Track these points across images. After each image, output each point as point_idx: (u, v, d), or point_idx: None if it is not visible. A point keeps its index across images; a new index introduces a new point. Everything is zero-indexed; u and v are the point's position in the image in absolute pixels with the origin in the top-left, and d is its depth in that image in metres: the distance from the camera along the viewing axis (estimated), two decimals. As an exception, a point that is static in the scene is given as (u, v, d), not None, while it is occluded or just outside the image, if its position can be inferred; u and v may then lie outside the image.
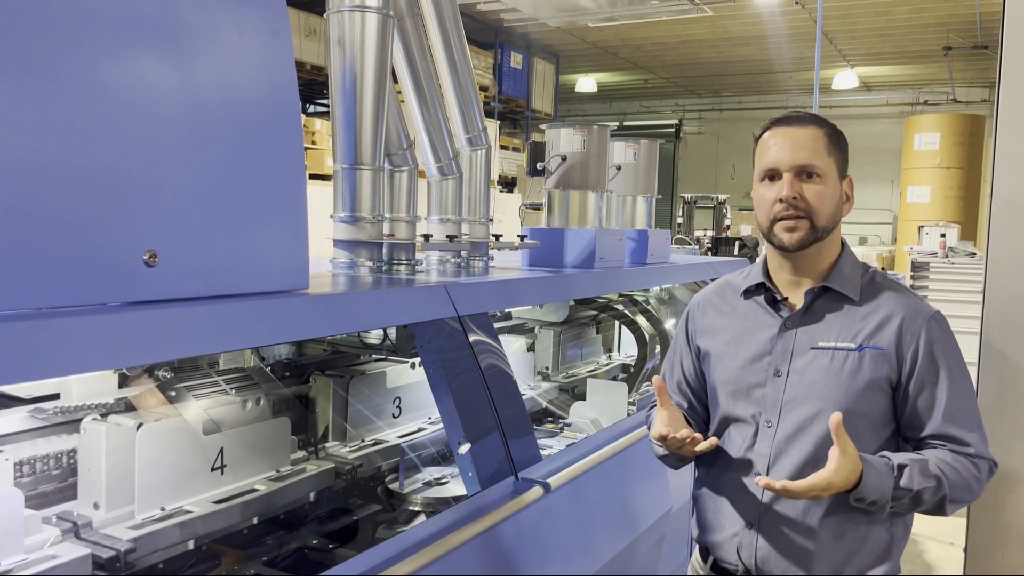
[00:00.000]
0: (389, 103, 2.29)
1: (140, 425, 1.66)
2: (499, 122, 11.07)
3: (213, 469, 1.81)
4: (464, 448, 1.93)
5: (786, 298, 1.57)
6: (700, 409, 1.71)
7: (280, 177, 1.62)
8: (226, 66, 1.51)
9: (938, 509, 1.45)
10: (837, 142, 1.53)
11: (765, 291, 1.59)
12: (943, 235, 8.53)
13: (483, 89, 11.10)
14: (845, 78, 14.12)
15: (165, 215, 1.39)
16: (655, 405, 1.62)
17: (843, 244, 1.59)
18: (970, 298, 7.06)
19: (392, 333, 2.36)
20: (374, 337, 2.42)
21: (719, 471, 1.59)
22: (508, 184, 11.00)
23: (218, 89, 1.49)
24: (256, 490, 1.87)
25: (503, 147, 10.86)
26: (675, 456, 1.60)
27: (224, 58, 1.51)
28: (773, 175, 1.51)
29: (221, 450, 1.83)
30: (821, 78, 7.33)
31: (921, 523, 1.45)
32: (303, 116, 8.13)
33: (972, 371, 1.67)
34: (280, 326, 1.58)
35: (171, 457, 1.73)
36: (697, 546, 1.70)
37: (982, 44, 11.48)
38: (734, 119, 17.54)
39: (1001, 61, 2.03)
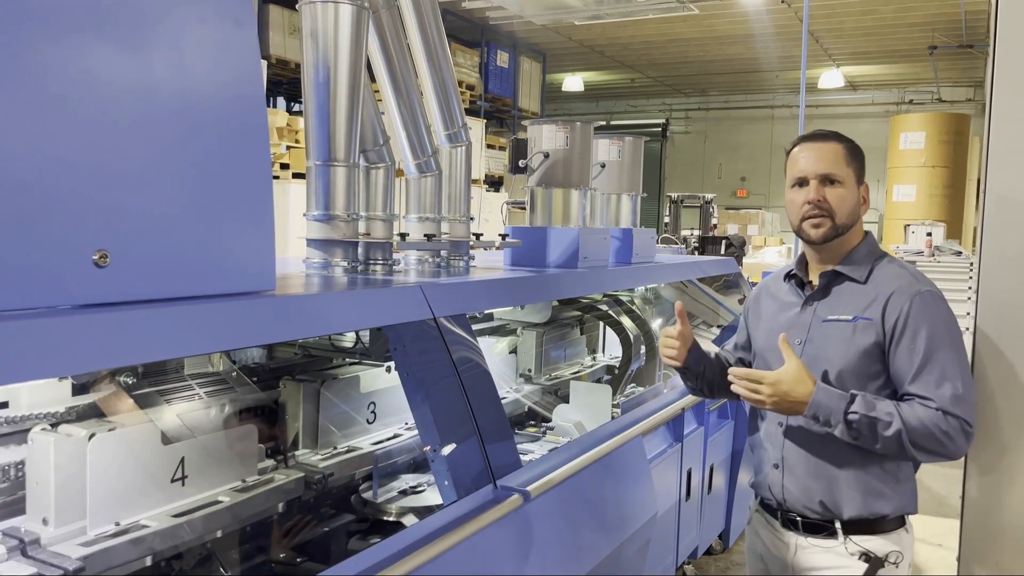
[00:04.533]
0: (364, 98, 2.21)
1: (92, 435, 1.57)
2: (485, 121, 10.99)
3: (173, 480, 1.72)
4: (441, 455, 1.86)
5: (811, 281, 1.91)
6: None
7: (243, 172, 1.54)
8: (185, 55, 1.43)
9: (900, 448, 1.67)
10: (855, 155, 1.86)
11: (796, 276, 1.94)
12: (929, 234, 8.54)
13: (469, 88, 11.03)
14: (831, 77, 14.17)
15: (117, 212, 1.31)
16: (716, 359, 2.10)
17: (865, 235, 1.90)
18: (956, 296, 7.06)
19: (366, 336, 2.28)
20: (348, 340, 2.33)
21: (759, 422, 1.97)
22: (495, 183, 10.92)
23: (176, 79, 1.41)
24: (220, 502, 1.78)
25: (489, 146, 10.77)
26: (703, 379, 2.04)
27: (183, 47, 1.43)
28: (802, 182, 1.84)
29: (182, 460, 1.74)
30: (807, 77, 7.31)
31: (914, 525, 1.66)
32: (287, 114, 8.00)
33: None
34: (242, 330, 1.50)
35: (127, 468, 1.63)
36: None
37: (967, 43, 11.53)
38: (721, 118, 17.56)
39: (994, 55, 1.97)
